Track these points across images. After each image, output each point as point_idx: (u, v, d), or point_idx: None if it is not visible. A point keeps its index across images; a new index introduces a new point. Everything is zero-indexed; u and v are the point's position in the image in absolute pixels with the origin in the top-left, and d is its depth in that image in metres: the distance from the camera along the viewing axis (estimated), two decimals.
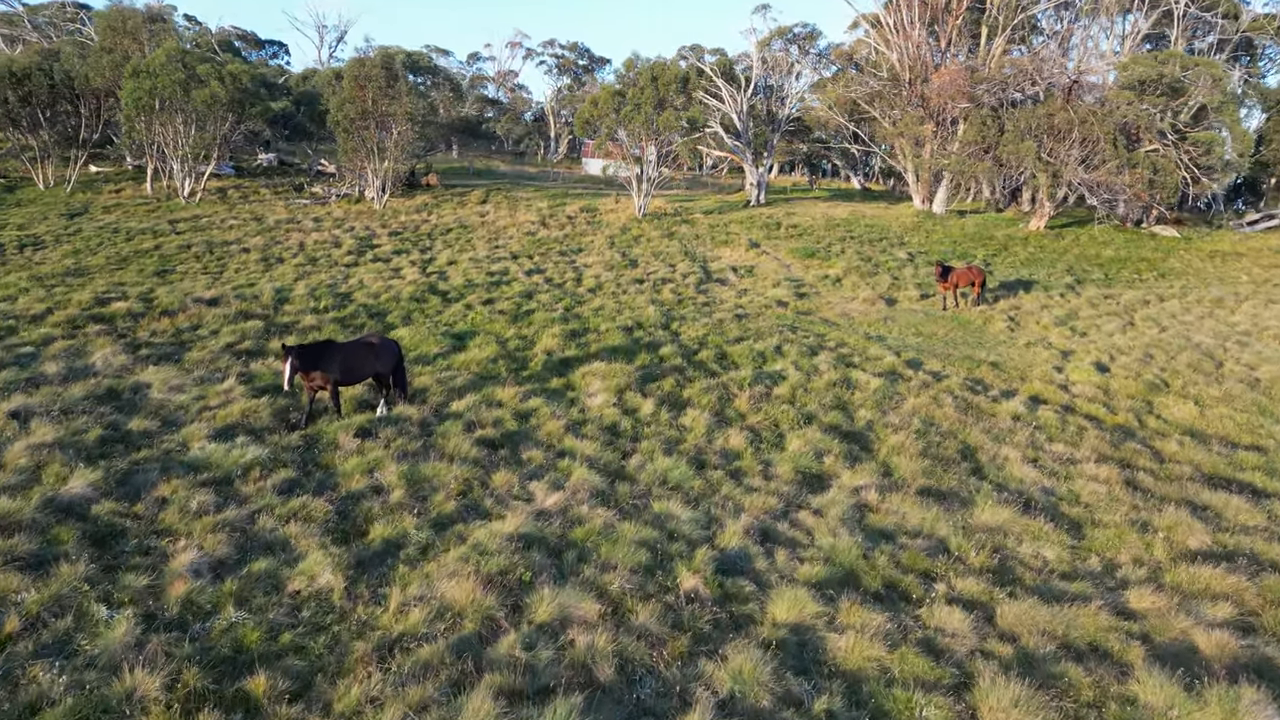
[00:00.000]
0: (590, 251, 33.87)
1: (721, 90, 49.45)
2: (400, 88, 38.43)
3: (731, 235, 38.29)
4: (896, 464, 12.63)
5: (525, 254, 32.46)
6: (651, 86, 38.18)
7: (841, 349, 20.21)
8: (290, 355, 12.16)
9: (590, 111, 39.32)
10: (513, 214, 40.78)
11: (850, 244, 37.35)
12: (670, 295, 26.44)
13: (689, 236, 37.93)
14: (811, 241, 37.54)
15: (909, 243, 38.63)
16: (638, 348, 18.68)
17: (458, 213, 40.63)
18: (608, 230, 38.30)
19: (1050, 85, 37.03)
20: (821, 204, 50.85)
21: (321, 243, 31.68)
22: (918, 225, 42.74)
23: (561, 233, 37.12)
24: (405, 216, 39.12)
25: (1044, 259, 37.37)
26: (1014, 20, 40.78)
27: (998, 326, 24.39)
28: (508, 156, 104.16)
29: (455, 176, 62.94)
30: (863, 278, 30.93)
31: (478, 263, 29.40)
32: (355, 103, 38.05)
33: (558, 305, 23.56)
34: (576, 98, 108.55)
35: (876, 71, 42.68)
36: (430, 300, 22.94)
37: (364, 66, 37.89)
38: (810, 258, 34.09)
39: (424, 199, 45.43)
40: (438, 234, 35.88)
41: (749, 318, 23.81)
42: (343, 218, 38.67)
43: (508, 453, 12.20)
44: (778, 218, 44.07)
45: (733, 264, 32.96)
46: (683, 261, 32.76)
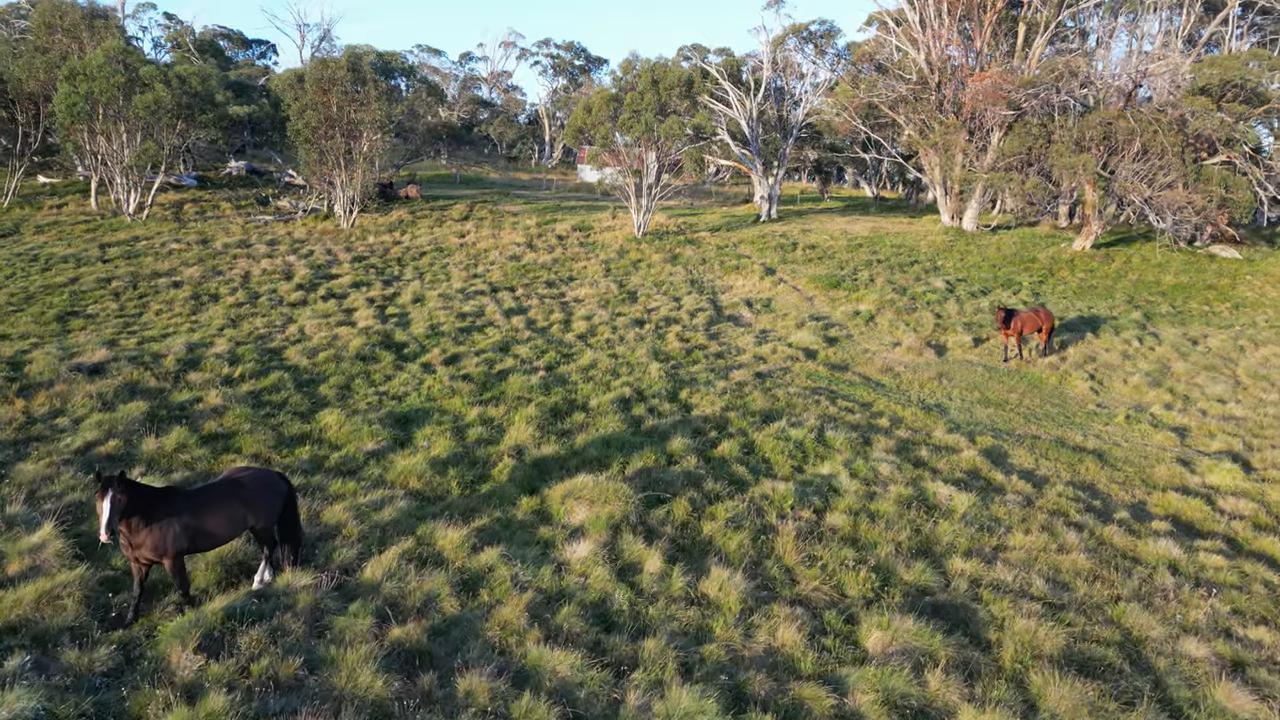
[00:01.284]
0: (582, 281, 29.43)
1: (729, 94, 45.03)
2: (369, 92, 33.98)
3: (743, 260, 33.86)
4: (1038, 687, 8.19)
5: (507, 286, 28.00)
6: (652, 91, 33.77)
7: (899, 430, 15.78)
8: (109, 490, 7.78)
9: (583, 119, 34.91)
10: (496, 234, 36.33)
11: (878, 270, 32.93)
12: (676, 343, 22.01)
13: (695, 261, 33.50)
14: (834, 267, 33.11)
15: (943, 268, 34.21)
16: (638, 437, 14.24)
17: (435, 232, 36.17)
18: (603, 253, 33.87)
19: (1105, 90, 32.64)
20: (838, 218, 46.42)
21: (270, 273, 27.21)
22: (949, 245, 38.33)
23: (550, 257, 32.67)
24: (375, 238, 34.66)
25: (1098, 286, 32.98)
26: (1059, 17, 36.38)
27: (1079, 388, 19.96)
28: (500, 161, 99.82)
29: (440, 186, 58.51)
30: (899, 315, 26.51)
31: (449, 300, 24.94)
32: (318, 109, 33.62)
33: (539, 362, 19.13)
34: (572, 99, 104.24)
35: (904, 74, 38.37)
36: (381, 359, 18.49)
37: (327, 69, 33.46)
38: (835, 288, 29.66)
39: (400, 214, 40.96)
40: (409, 259, 31.41)
41: (774, 377, 19.37)
42: (304, 239, 34.21)
43: (435, 680, 7.74)
44: (792, 236, 39.65)
45: (747, 296, 28.52)
46: (689, 294, 28.33)
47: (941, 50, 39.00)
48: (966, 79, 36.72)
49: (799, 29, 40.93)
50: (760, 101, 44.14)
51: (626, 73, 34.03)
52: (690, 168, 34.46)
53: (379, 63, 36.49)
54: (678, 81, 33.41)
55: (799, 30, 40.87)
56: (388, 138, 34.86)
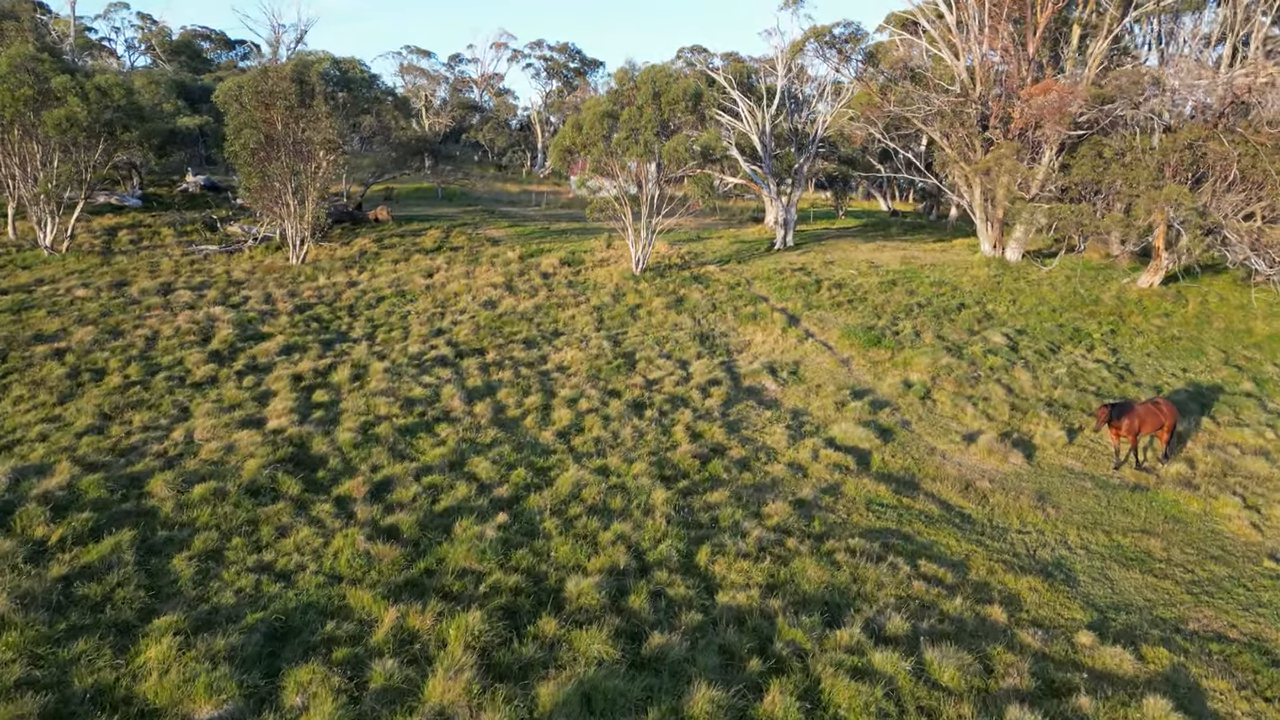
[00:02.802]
0: (570, 338, 24.30)
1: (738, 104, 39.92)
2: (319, 107, 28.81)
3: (760, 305, 28.72)
4: None
5: (475, 348, 22.85)
6: (653, 105, 28.65)
7: (1022, 633, 10.65)
8: None
9: (572, 138, 29.75)
10: (471, 271, 31.15)
11: (921, 317, 27.81)
12: (686, 444, 16.86)
13: (703, 306, 28.34)
14: (868, 314, 27.98)
15: (996, 314, 29.09)
16: (637, 681, 9.12)
17: (399, 270, 30.99)
18: (595, 296, 28.72)
19: (1198, 106, 27.61)
20: (861, 244, 41.29)
21: (184, 334, 22.02)
22: (995, 281, 33.23)
23: (532, 303, 27.51)
24: (327, 277, 29.48)
25: (1181, 338, 27.90)
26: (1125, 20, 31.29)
27: (1234, 521, 14.83)
28: (490, 169, 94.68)
29: (419, 202, 53.34)
30: (961, 388, 21.40)
31: (398, 376, 19.76)
32: (259, 126, 28.45)
33: (502, 488, 14.02)
34: (566, 104, 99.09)
35: (945, 85, 33.28)
36: (283, 490, 13.35)
37: (268, 79, 28.28)
38: (875, 345, 24.55)
39: (364, 243, 35.81)
40: (362, 308, 26.25)
41: (823, 508, 14.25)
42: (243, 279, 29.05)
43: None
44: (813, 269, 34.53)
45: (769, 359, 23.40)
46: (699, 357, 23.21)
47: (985, 57, 33.90)
48: (1018, 90, 31.64)
49: (820, 32, 35.82)
50: (774, 113, 39.03)
51: (623, 83, 28.90)
52: (697, 194, 29.34)
53: (333, 72, 31.39)
54: (682, 94, 28.30)
55: (820, 34, 35.78)
56: (342, 159, 29.78)
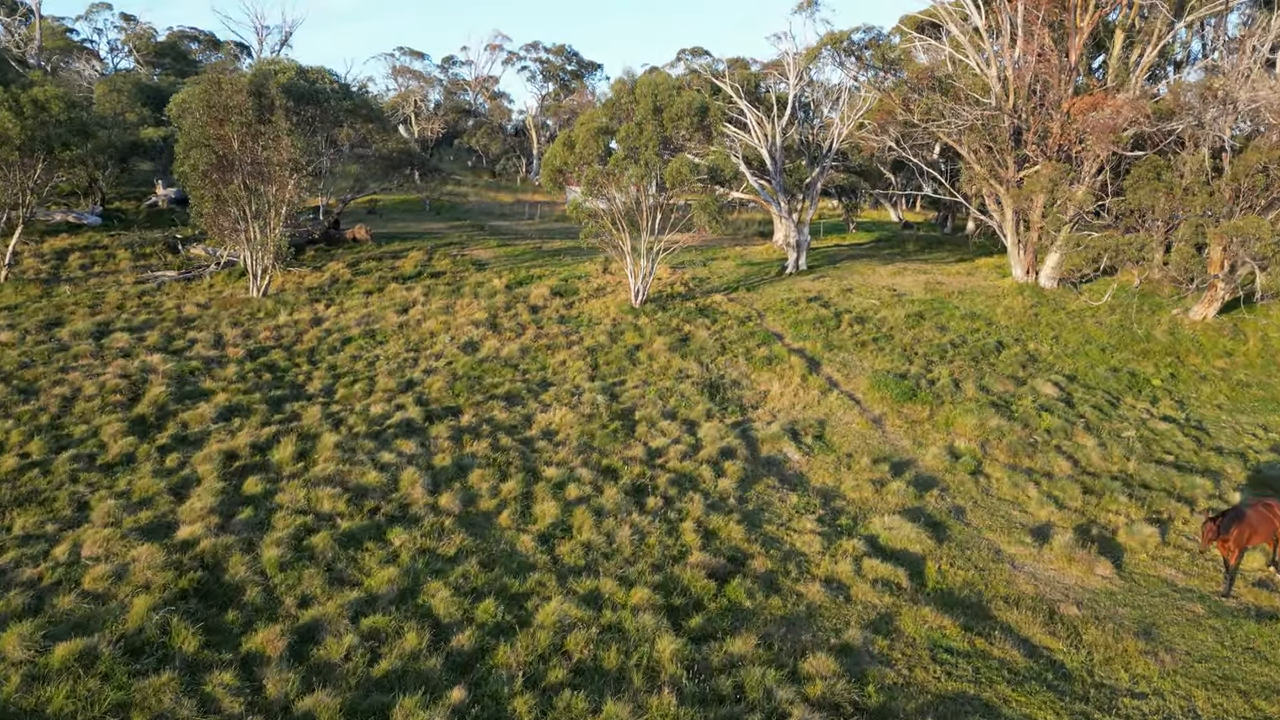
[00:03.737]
0: (560, 391, 21.14)
1: (745, 115, 36.77)
2: (279, 124, 25.62)
3: (775, 345, 25.54)
4: None
5: (448, 407, 19.69)
6: (654, 120, 25.50)
7: None
8: None
9: (563, 157, 26.58)
10: (452, 304, 27.97)
11: (957, 360, 24.67)
12: (696, 544, 13.75)
13: (711, 347, 25.17)
14: (897, 357, 24.82)
15: (1041, 355, 25.95)
16: None
17: (371, 304, 27.79)
18: (589, 335, 25.56)
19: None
20: (879, 267, 38.13)
21: (109, 392, 18.83)
22: (1032, 314, 30.09)
23: (518, 345, 24.33)
24: (289, 313, 26.31)
25: (1251, 384, 24.79)
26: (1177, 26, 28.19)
27: None
28: (484, 175, 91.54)
29: (405, 216, 50.21)
30: (1018, 458, 18.27)
31: (353, 449, 16.59)
32: (211, 144, 25.28)
33: (462, 632, 10.88)
34: (563, 107, 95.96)
35: (979, 97, 30.13)
36: (168, 658, 10.17)
37: (221, 92, 25.09)
38: (909, 400, 21.40)
39: (337, 268, 32.64)
40: (324, 354, 23.10)
41: (874, 665, 11.10)
42: (195, 315, 25.90)
43: None
44: (830, 298, 31.37)
45: (790, 417, 20.25)
46: (708, 416, 20.06)
47: (1018, 65, 30.74)
48: (1058, 103, 28.49)
49: (838, 39, 32.63)
50: (784, 124, 35.89)
51: (620, 96, 25.73)
52: (704, 220, 26.21)
53: (300, 83, 28.14)
54: (687, 109, 25.14)
55: (838, 40, 32.58)
56: (306, 181, 26.63)
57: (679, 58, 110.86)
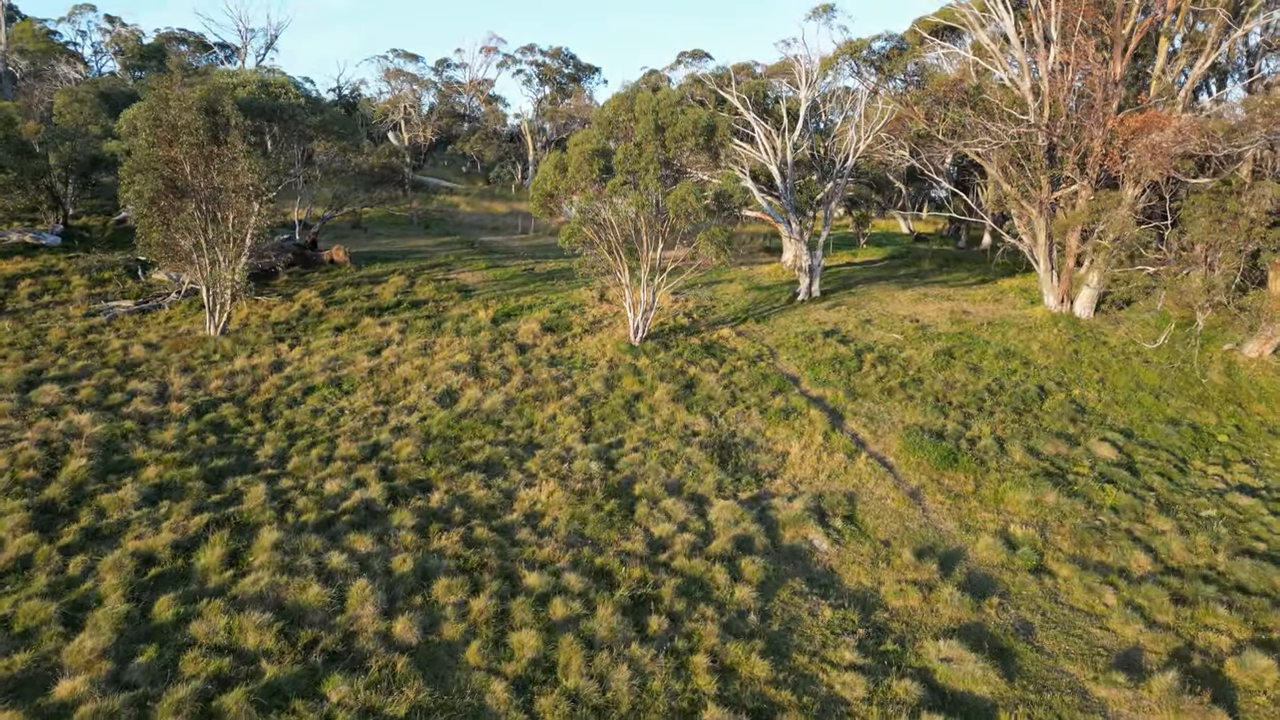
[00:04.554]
0: (548, 455, 18.37)
1: (754, 129, 34.06)
2: (235, 145, 22.83)
3: (791, 393, 22.78)
4: None
5: (417, 481, 16.92)
6: (655, 140, 22.74)
7: None
8: None
9: (554, 181, 23.80)
10: (430, 344, 25.19)
11: (999, 413, 21.92)
12: (712, 692, 11.01)
13: (719, 396, 22.40)
14: (929, 406, 22.05)
15: (1088, 402, 23.20)
16: None
17: (340, 344, 24.99)
18: (583, 382, 22.79)
19: None
20: (898, 292, 35.38)
21: (22, 465, 16.07)
22: (1071, 350, 27.35)
23: (502, 395, 21.56)
24: (247, 358, 23.53)
25: None
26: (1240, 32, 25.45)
27: None
28: (478, 182, 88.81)
29: (391, 231, 47.42)
30: (1084, 548, 15.54)
31: (295, 550, 13.81)
32: (159, 168, 22.50)
33: None
34: (559, 111, 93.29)
35: (1012, 112, 27.32)
36: None
37: (169, 109, 22.30)
38: (949, 465, 18.65)
39: (310, 296, 29.87)
40: (281, 408, 20.33)
41: None
42: (141, 359, 23.12)
43: None
44: (849, 333, 28.61)
45: (814, 490, 17.49)
46: (719, 491, 17.31)
47: (1057, 77, 27.97)
48: (1107, 119, 25.74)
49: (857, 47, 29.85)
50: (796, 138, 33.14)
51: (618, 112, 22.98)
52: (712, 253, 23.47)
53: (258, 99, 25.30)
54: (692, 128, 22.38)
55: (857, 49, 29.80)
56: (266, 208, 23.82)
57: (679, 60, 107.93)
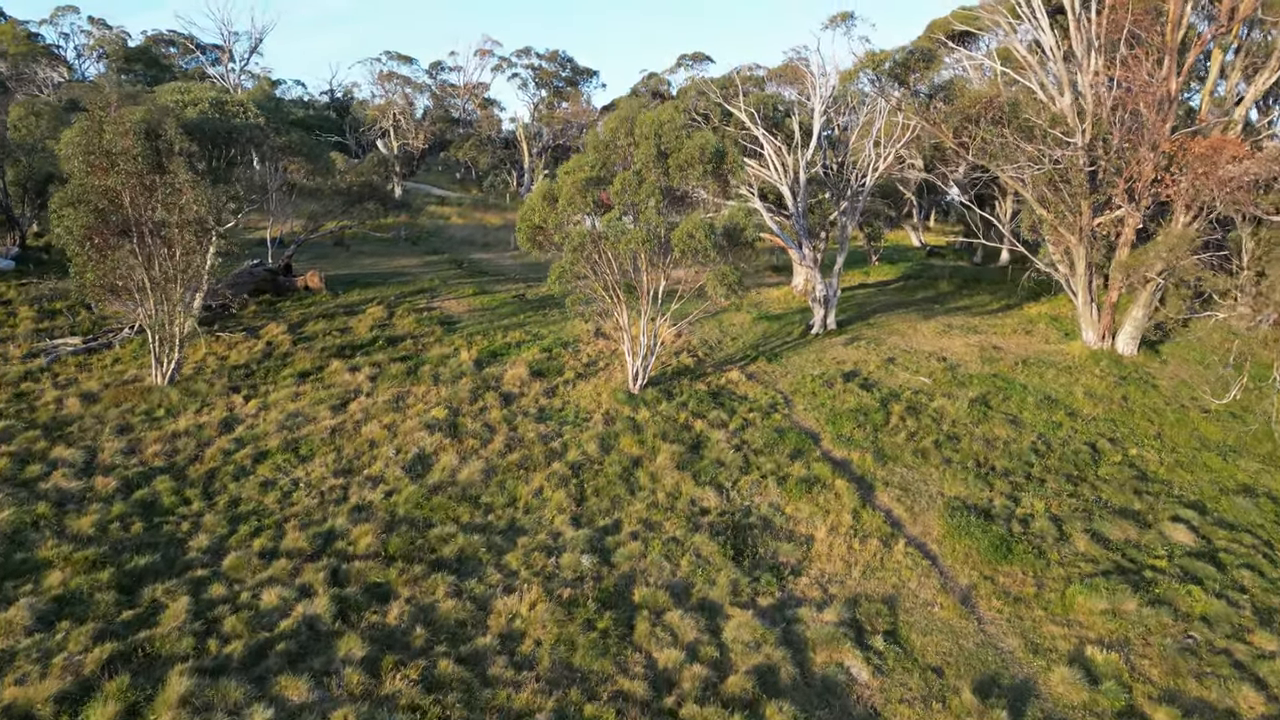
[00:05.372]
0: (531, 548, 15.64)
1: (761, 143, 31.36)
2: (178, 173, 20.07)
3: (812, 455, 20.01)
4: None
5: (373, 585, 14.18)
6: (657, 167, 20.00)
7: None
8: None
9: (542, 213, 21.05)
10: (404, 394, 22.42)
11: (1050, 481, 19.18)
12: None
13: (730, 459, 19.63)
14: (969, 473, 19.30)
15: (1148, 465, 20.46)
16: None
17: (303, 395, 22.21)
18: (575, 443, 20.02)
19: None
20: (919, 323, 32.65)
21: None
22: (1119, 395, 24.63)
23: (482, 462, 18.80)
24: (195, 414, 20.75)
25: None
26: None
27: None
28: (472, 189, 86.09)
29: (376, 249, 44.66)
30: (1178, 679, 12.83)
31: (208, 700, 11.03)
32: (91, 199, 19.75)
33: None
34: (556, 117, 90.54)
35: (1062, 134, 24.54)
36: None
37: (103, 134, 19.55)
38: (1004, 558, 15.93)
39: (277, 332, 27.13)
40: (226, 480, 17.58)
41: None
42: (74, 415, 20.36)
43: None
44: (871, 374, 25.88)
45: (847, 595, 14.76)
46: (734, 597, 14.58)
47: (1101, 92, 25.24)
48: (1160, 142, 23.02)
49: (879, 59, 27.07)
50: (809, 157, 30.41)
51: (616, 135, 20.27)
52: (721, 293, 20.76)
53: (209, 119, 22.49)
54: (699, 154, 19.63)
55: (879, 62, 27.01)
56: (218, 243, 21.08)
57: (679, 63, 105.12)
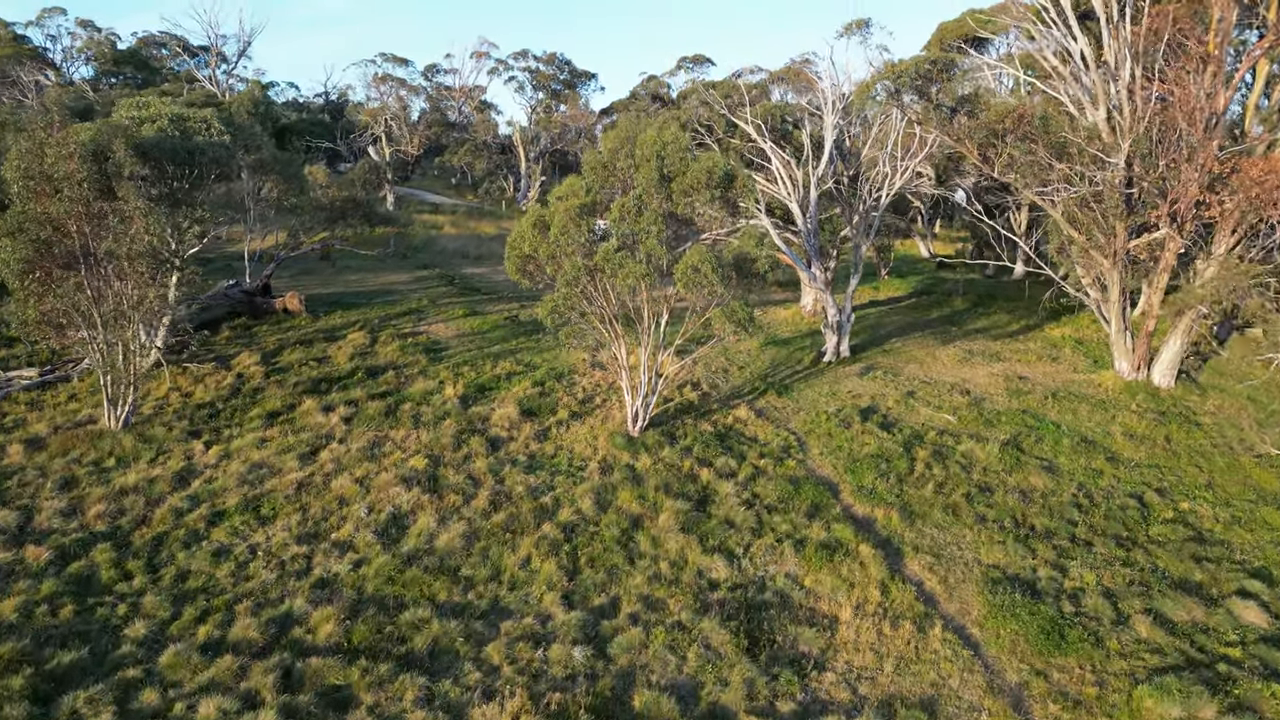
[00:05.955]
0: (515, 635, 13.64)
1: (769, 156, 29.40)
2: (129, 200, 18.09)
3: (831, 513, 18.03)
4: None
5: (329, 689, 12.17)
6: (659, 193, 18.02)
7: None
8: None
9: (532, 242, 19.05)
10: (381, 439, 20.41)
11: (1098, 544, 17.19)
12: None
13: (741, 519, 17.63)
14: (1009, 536, 17.31)
15: (1202, 522, 18.46)
16: None
17: (269, 441, 20.18)
18: (569, 500, 18.02)
19: None
20: (938, 349, 30.67)
21: None
22: (1161, 435, 22.67)
23: (463, 525, 16.80)
24: (148, 465, 18.75)
25: None
26: None
27: None
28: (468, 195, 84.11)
29: (364, 263, 42.65)
30: None
31: None
32: (29, 229, 17.77)
33: None
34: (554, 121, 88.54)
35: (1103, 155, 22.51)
36: None
37: (44, 157, 17.56)
38: (1056, 648, 13.94)
39: (248, 364, 25.14)
40: (174, 548, 15.61)
41: None
42: (16, 465, 18.38)
43: None
44: (889, 410, 23.91)
45: (880, 695, 12.77)
46: (749, 697, 12.57)
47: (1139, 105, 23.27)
48: (1207, 162, 21.06)
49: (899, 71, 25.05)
50: (821, 172, 28.44)
51: (614, 157, 18.31)
52: (729, 331, 18.79)
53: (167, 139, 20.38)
54: (705, 178, 17.65)
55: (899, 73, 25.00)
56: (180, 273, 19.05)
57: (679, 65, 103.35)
